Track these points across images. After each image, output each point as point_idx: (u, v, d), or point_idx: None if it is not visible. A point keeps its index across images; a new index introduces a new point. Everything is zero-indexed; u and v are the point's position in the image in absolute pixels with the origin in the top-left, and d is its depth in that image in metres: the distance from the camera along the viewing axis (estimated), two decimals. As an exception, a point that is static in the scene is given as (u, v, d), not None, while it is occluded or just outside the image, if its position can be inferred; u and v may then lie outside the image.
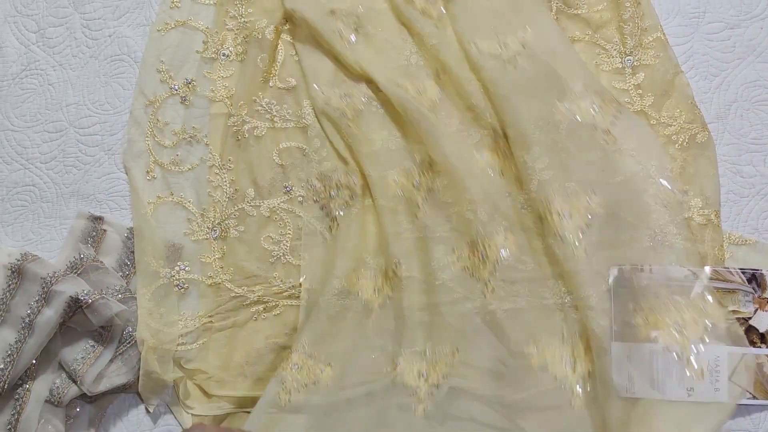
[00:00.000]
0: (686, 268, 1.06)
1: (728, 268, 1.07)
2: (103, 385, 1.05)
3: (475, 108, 1.13)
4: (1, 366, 1.01)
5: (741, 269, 1.07)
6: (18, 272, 1.05)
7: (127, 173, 1.18)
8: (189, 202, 1.15)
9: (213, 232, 1.14)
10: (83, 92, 1.23)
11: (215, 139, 1.17)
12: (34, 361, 1.04)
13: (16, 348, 1.02)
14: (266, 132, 1.16)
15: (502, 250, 1.08)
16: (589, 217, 1.07)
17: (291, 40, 1.20)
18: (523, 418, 1.04)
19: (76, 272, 1.08)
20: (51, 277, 1.04)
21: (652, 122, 1.13)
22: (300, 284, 1.11)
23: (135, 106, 1.20)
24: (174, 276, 1.12)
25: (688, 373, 1.02)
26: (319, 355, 1.05)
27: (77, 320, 1.05)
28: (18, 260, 1.06)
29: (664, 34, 1.16)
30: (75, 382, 1.05)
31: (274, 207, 1.14)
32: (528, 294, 1.08)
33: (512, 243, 1.09)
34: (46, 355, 1.06)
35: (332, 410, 1.04)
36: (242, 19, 1.20)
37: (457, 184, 1.10)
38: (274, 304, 1.11)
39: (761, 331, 1.04)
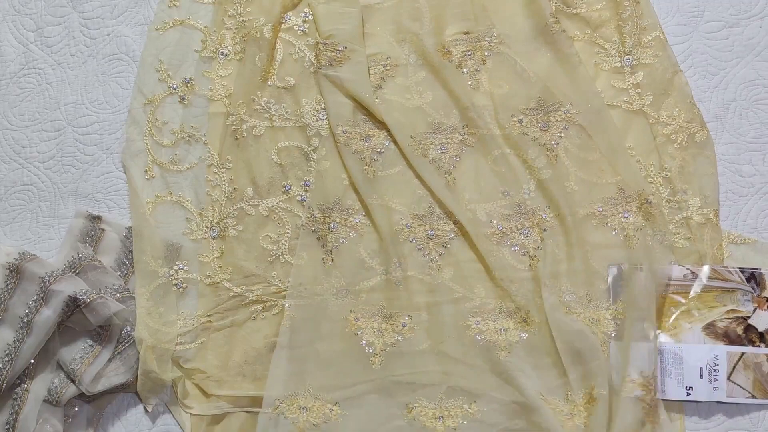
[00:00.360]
0: (685, 267, 1.07)
1: (727, 267, 1.07)
2: (102, 385, 1.05)
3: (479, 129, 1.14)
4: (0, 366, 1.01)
5: (740, 268, 1.07)
6: (16, 272, 1.05)
7: (125, 172, 1.18)
8: (187, 201, 1.15)
9: (212, 232, 1.13)
10: (81, 91, 1.23)
11: (214, 139, 1.17)
12: (32, 361, 1.04)
13: (15, 347, 1.02)
14: (265, 131, 1.16)
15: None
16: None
17: (290, 39, 1.20)
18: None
19: (74, 272, 1.08)
20: (49, 277, 1.04)
21: (651, 121, 1.13)
22: (299, 284, 1.10)
23: (133, 105, 1.20)
24: (172, 275, 1.12)
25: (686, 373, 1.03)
26: (324, 396, 1.05)
27: (76, 320, 1.05)
28: (16, 260, 1.06)
29: (663, 33, 1.16)
30: (73, 381, 1.04)
31: (272, 206, 1.14)
32: (527, 293, 1.08)
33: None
34: (45, 355, 1.05)
35: None
36: (241, 18, 1.20)
37: (455, 183, 1.11)
38: (272, 303, 1.11)
39: (760, 330, 1.04)
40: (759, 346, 1.04)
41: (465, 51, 1.16)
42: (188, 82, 1.19)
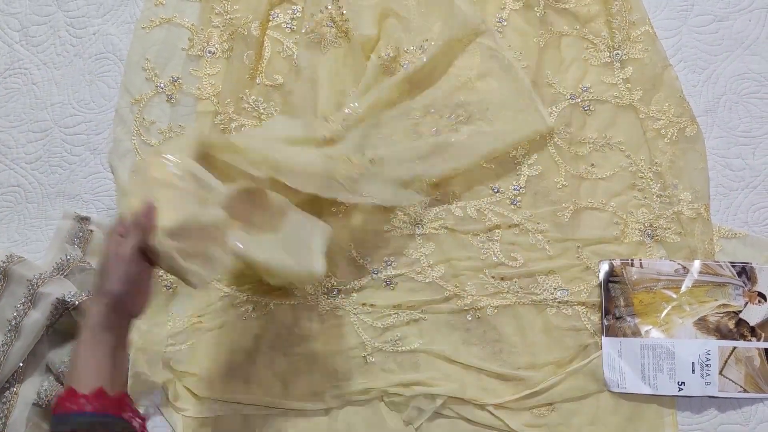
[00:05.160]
0: (676, 262, 1.07)
1: (718, 262, 1.07)
2: (92, 388, 1.04)
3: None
4: (-12, 369, 1.00)
5: (731, 262, 1.07)
6: (4, 274, 1.04)
7: (113, 173, 1.17)
8: (176, 201, 1.14)
9: (201, 232, 1.13)
10: (68, 91, 1.22)
11: (202, 138, 1.16)
12: (21, 364, 1.03)
13: (3, 351, 1.01)
14: (253, 130, 1.15)
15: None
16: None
17: (277, 37, 1.19)
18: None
19: (62, 273, 1.08)
20: (37, 279, 1.03)
21: (641, 116, 1.13)
22: (291, 283, 1.10)
23: (120, 104, 1.19)
24: (162, 276, 1.11)
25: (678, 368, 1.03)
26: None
27: (64, 322, 1.04)
28: (4, 262, 1.05)
29: (652, 27, 1.15)
30: (62, 384, 1.04)
31: (262, 205, 1.13)
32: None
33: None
34: (34, 358, 1.05)
35: None
36: (228, 16, 1.19)
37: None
38: (263, 303, 1.10)
39: (751, 324, 1.04)
40: (750, 340, 1.04)
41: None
42: (175, 81, 1.18)
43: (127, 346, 0.81)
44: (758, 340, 1.04)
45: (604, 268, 1.08)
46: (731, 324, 1.04)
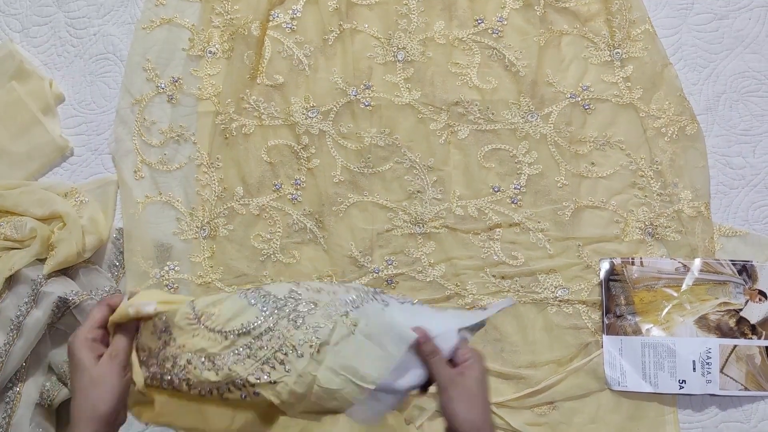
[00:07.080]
0: (677, 261, 1.07)
1: (719, 260, 1.07)
2: (94, 387, 1.04)
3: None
4: (-10, 369, 1.01)
5: (731, 261, 1.07)
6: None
7: (117, 172, 1.17)
8: (177, 201, 1.14)
9: (202, 231, 1.13)
10: (69, 92, 1.22)
11: (203, 138, 1.16)
12: (23, 364, 1.04)
13: (5, 350, 1.01)
14: (254, 130, 1.15)
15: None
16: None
17: (278, 37, 1.19)
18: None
19: (65, 273, 1.08)
20: (41, 279, 1.04)
21: (641, 115, 1.13)
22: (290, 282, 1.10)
23: (121, 105, 1.19)
24: (164, 276, 1.11)
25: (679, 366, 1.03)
26: None
27: (66, 322, 1.05)
28: (6, 263, 1.05)
29: (652, 26, 1.16)
30: (65, 384, 1.04)
31: (263, 205, 1.13)
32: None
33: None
34: (36, 358, 1.05)
35: None
36: (228, 16, 1.19)
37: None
38: (264, 302, 1.11)
39: (752, 322, 1.04)
40: (751, 338, 1.04)
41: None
42: (176, 81, 1.18)
43: None
44: (759, 338, 1.04)
45: (605, 266, 1.08)
46: (732, 322, 1.05)
